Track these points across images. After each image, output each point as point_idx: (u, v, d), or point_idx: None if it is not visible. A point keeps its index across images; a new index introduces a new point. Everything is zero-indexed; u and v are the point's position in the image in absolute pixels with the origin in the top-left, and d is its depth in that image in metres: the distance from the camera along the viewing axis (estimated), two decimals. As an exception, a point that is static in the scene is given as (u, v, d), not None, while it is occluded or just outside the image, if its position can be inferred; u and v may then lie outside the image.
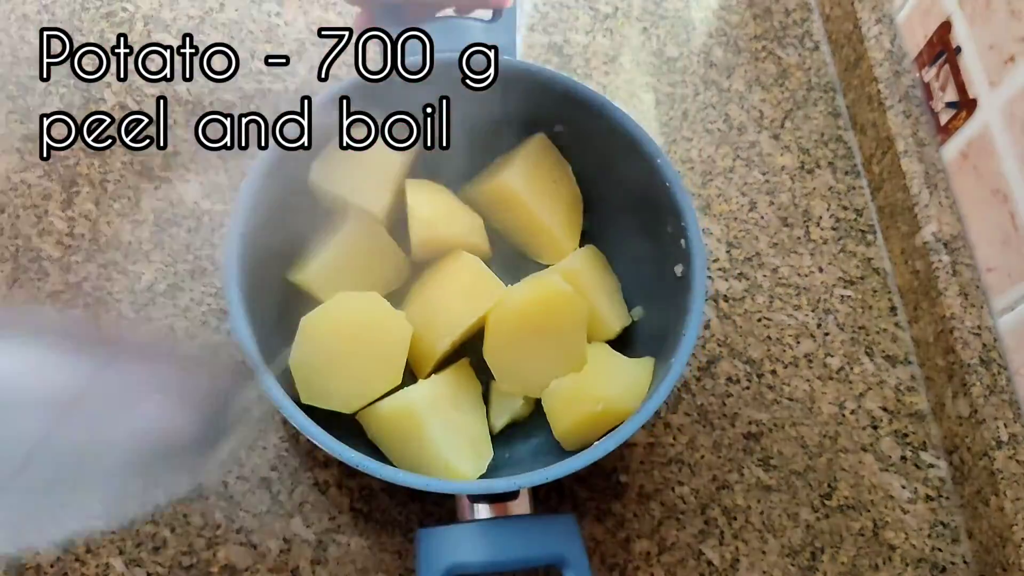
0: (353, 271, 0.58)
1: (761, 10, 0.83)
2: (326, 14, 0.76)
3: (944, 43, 0.69)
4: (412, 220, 0.59)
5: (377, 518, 0.57)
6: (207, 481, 0.56)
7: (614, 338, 0.60)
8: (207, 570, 0.54)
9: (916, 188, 0.68)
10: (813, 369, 0.66)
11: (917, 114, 0.71)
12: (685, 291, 0.54)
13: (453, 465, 0.52)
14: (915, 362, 0.67)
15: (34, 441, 0.31)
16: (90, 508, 0.34)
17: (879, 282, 0.71)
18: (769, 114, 0.77)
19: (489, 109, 0.60)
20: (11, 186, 0.64)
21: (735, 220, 0.72)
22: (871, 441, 0.64)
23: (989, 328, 0.63)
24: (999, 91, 0.62)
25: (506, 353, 0.56)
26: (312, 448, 0.58)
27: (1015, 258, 0.61)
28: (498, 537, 0.49)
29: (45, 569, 0.53)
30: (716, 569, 0.58)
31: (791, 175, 0.74)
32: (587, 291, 0.58)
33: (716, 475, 0.61)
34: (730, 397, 0.64)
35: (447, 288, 0.58)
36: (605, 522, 0.59)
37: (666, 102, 0.77)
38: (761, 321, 0.68)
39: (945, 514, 0.62)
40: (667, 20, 0.81)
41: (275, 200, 0.55)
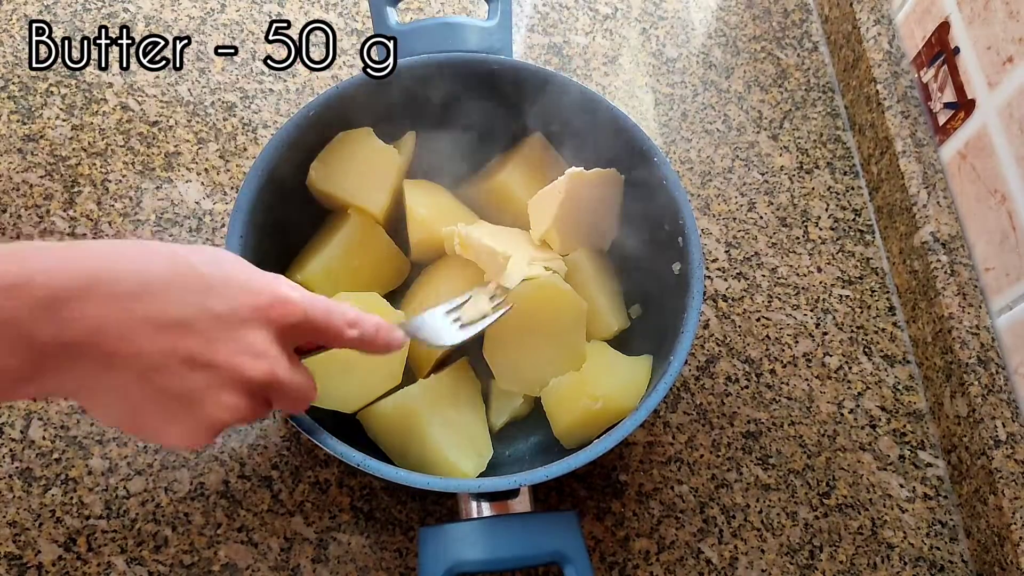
0: (353, 271, 0.58)
1: (760, 11, 0.83)
2: (327, 14, 0.76)
3: (943, 44, 0.69)
4: (410, 220, 0.59)
5: (378, 517, 0.57)
6: (208, 480, 0.57)
7: (613, 337, 0.60)
8: (208, 568, 0.54)
9: (914, 188, 0.68)
10: (812, 368, 0.66)
11: (915, 114, 0.71)
12: (683, 289, 0.54)
13: (453, 464, 0.52)
14: (913, 361, 0.68)
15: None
16: None
17: (877, 282, 0.71)
18: (768, 114, 0.77)
19: (487, 109, 0.61)
20: (13, 186, 0.64)
21: (734, 220, 0.72)
22: (869, 440, 0.64)
23: (987, 327, 0.63)
24: (997, 92, 0.62)
25: (506, 352, 0.56)
26: (313, 447, 0.59)
27: (1013, 258, 0.61)
28: (499, 535, 0.49)
29: (47, 567, 0.53)
30: (715, 567, 0.59)
31: (790, 175, 0.75)
32: (586, 290, 0.58)
33: (715, 474, 0.62)
34: (729, 396, 0.65)
35: (447, 288, 0.58)
36: (604, 521, 0.59)
37: (665, 102, 0.77)
38: (760, 321, 0.68)
39: (943, 513, 0.62)
40: (666, 21, 0.81)
41: (275, 200, 0.55)
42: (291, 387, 0.41)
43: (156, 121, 0.69)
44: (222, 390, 0.38)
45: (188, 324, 0.37)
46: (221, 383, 0.38)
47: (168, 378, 0.37)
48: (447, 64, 0.58)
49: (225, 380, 0.38)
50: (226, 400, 0.38)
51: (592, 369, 0.56)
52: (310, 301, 0.41)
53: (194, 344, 0.37)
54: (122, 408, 0.37)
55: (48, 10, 0.71)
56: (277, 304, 0.39)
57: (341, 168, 0.58)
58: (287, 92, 0.72)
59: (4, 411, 0.57)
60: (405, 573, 0.56)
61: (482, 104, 0.60)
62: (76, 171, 0.66)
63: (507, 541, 0.48)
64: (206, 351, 0.37)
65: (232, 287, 0.38)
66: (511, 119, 0.62)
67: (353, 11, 0.77)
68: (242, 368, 0.38)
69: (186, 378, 0.37)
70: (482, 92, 0.60)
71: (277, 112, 0.71)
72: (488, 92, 0.60)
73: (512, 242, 0.57)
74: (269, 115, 0.71)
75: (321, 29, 0.73)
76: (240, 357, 0.38)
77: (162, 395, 0.37)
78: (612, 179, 0.60)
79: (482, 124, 0.62)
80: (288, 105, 0.71)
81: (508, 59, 0.59)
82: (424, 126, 0.62)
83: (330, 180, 0.58)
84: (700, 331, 0.67)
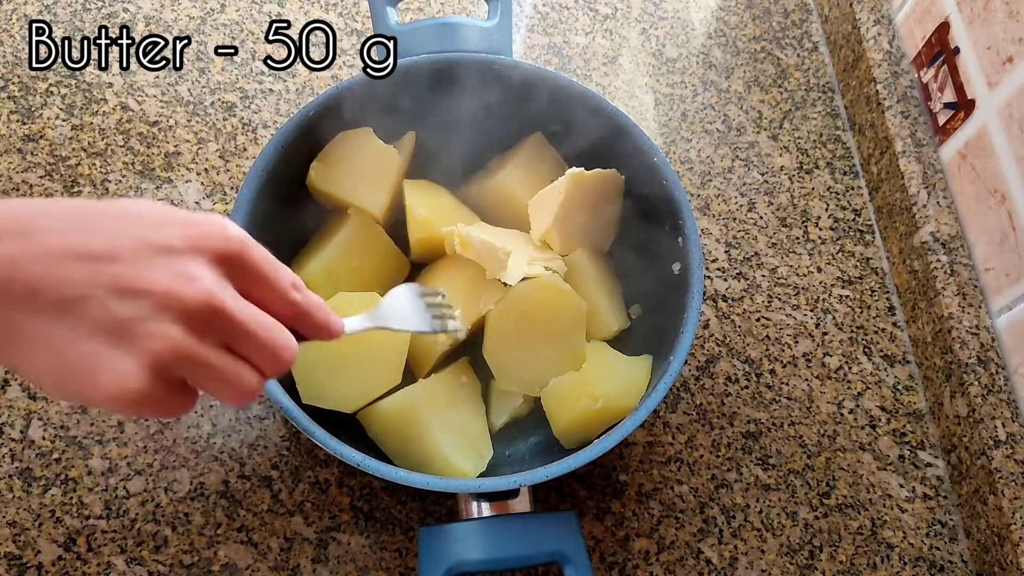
0: (353, 271, 0.58)
1: (760, 11, 0.83)
2: (327, 14, 0.76)
3: (943, 44, 0.69)
4: (410, 220, 0.59)
5: (378, 517, 0.57)
6: (208, 480, 0.57)
7: (613, 337, 0.60)
8: (208, 568, 0.54)
9: (914, 188, 0.68)
10: (811, 368, 0.66)
11: (915, 114, 0.71)
12: (683, 289, 0.54)
13: (453, 464, 0.52)
14: (913, 361, 0.68)
15: None
16: None
17: (877, 282, 0.71)
18: (768, 115, 0.77)
19: (488, 109, 0.61)
20: (13, 186, 0.64)
21: (734, 220, 0.72)
22: (869, 440, 0.64)
23: (987, 327, 0.63)
24: (997, 92, 0.62)
25: (506, 352, 0.56)
26: (313, 447, 0.59)
27: (1013, 258, 0.61)
28: (499, 535, 0.49)
29: (47, 567, 0.53)
30: (715, 567, 0.59)
31: (790, 175, 0.75)
32: (585, 290, 0.58)
33: (715, 474, 0.62)
34: (729, 396, 0.65)
35: (447, 289, 0.58)
36: (604, 521, 0.59)
37: (665, 103, 0.77)
38: (760, 321, 0.68)
39: (943, 513, 0.62)
40: (666, 21, 0.81)
41: (275, 200, 0.55)
42: (244, 321, 0.36)
43: (156, 121, 0.69)
44: (156, 318, 0.34)
45: (114, 252, 0.34)
46: (154, 310, 0.34)
47: (94, 309, 0.33)
48: (447, 64, 0.58)
49: (159, 306, 0.34)
50: (162, 329, 0.34)
51: (592, 369, 0.56)
52: (251, 239, 0.38)
53: (120, 271, 0.34)
54: (47, 355, 0.34)
55: (48, 10, 0.71)
56: (215, 233, 0.36)
57: (341, 168, 0.58)
58: (287, 92, 0.72)
59: (4, 411, 0.57)
60: (405, 573, 0.56)
61: (482, 104, 0.60)
62: (76, 171, 0.66)
63: (507, 541, 0.48)
64: (135, 277, 0.34)
65: (167, 219, 0.36)
66: (511, 119, 0.62)
67: (353, 11, 0.77)
68: (177, 292, 0.34)
69: (114, 308, 0.33)
70: (482, 92, 0.60)
71: (277, 112, 0.71)
72: (488, 92, 0.60)
73: (512, 242, 0.57)
74: (269, 115, 0.71)
75: (321, 29, 0.73)
76: (174, 280, 0.34)
77: (89, 332, 0.33)
78: (612, 179, 0.60)
79: (482, 124, 0.61)
80: (288, 105, 0.71)
81: (508, 59, 0.59)
82: (424, 126, 0.62)
83: (330, 180, 0.58)
84: (700, 331, 0.67)
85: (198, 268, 0.35)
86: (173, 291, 0.34)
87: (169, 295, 0.34)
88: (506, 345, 0.56)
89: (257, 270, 0.38)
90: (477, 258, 0.55)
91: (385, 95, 0.58)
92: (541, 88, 0.59)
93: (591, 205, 0.59)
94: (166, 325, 0.34)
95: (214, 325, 0.35)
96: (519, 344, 0.56)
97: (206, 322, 0.35)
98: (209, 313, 0.35)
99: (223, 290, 0.36)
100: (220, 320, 0.35)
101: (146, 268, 0.34)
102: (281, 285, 0.39)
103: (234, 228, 0.37)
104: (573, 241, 0.60)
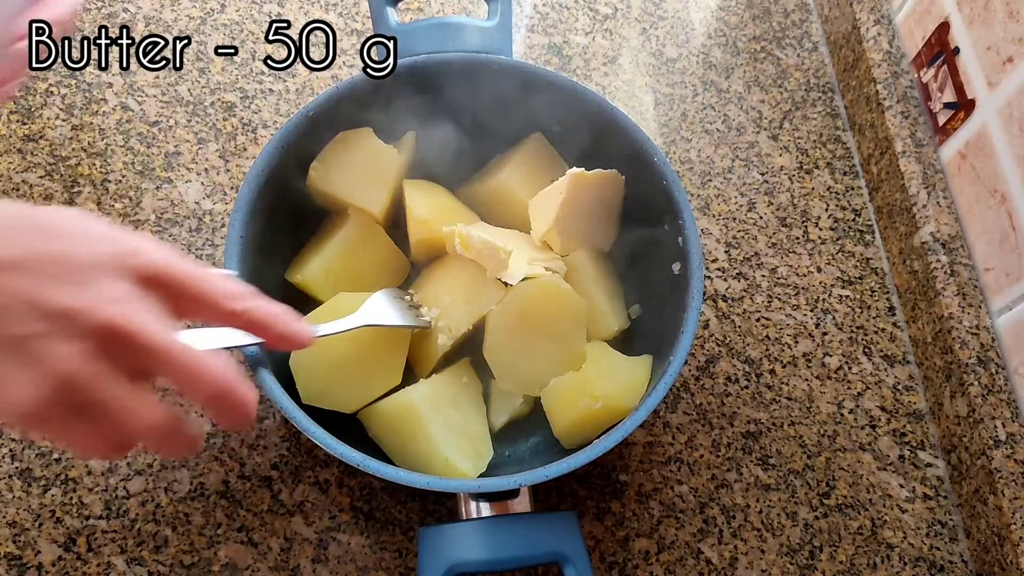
0: (353, 271, 0.58)
1: (760, 11, 0.83)
2: (327, 14, 0.76)
3: (943, 44, 0.69)
4: (410, 220, 0.59)
5: (378, 517, 0.57)
6: (208, 480, 0.57)
7: (613, 337, 0.60)
8: (208, 568, 0.54)
9: (914, 188, 0.68)
10: (811, 369, 0.66)
11: (915, 115, 0.71)
12: (683, 289, 0.54)
13: (453, 464, 0.52)
14: (913, 362, 0.68)
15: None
16: None
17: (877, 282, 0.71)
18: (768, 115, 0.77)
19: (488, 109, 0.61)
20: (13, 186, 0.64)
21: (734, 220, 0.72)
22: (869, 440, 0.64)
23: (987, 328, 0.63)
24: (997, 92, 0.62)
25: (506, 352, 0.56)
26: (313, 447, 0.59)
27: (1013, 258, 0.61)
28: (499, 535, 0.49)
29: (47, 567, 0.53)
30: (715, 568, 0.59)
31: (790, 175, 0.75)
32: (586, 290, 0.58)
33: (715, 474, 0.62)
34: (729, 396, 0.65)
35: (447, 288, 0.58)
36: (604, 520, 0.59)
37: (665, 103, 0.77)
38: (760, 321, 0.68)
39: (943, 513, 0.62)
40: (666, 21, 0.81)
41: (275, 200, 0.55)
42: (156, 345, 0.34)
43: (156, 121, 0.69)
44: (64, 336, 0.32)
45: (28, 265, 0.33)
46: (64, 328, 0.32)
47: (4, 321, 0.32)
48: (447, 64, 0.58)
49: (61, 324, 0.32)
50: (61, 349, 0.32)
51: (592, 369, 0.56)
52: (173, 256, 0.37)
53: (25, 283, 0.32)
54: None
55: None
56: (139, 251, 0.35)
57: (341, 168, 0.58)
58: (287, 92, 0.72)
59: (4, 411, 0.57)
60: (405, 573, 0.56)
61: (482, 104, 0.60)
62: (76, 171, 0.66)
63: (507, 541, 0.48)
64: (50, 294, 0.32)
65: (90, 235, 0.35)
66: (511, 119, 0.62)
67: (353, 11, 0.77)
68: (83, 311, 0.33)
69: (24, 323, 0.32)
70: (482, 92, 0.60)
71: (277, 112, 0.71)
72: (488, 92, 0.60)
73: (512, 242, 0.57)
74: (269, 115, 0.71)
75: (321, 29, 0.73)
76: (84, 298, 0.33)
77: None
78: (612, 179, 0.60)
79: (482, 124, 0.62)
80: (288, 105, 0.71)
81: (508, 59, 0.59)
82: (424, 126, 0.62)
83: (330, 180, 0.58)
84: (700, 331, 0.67)
85: (116, 288, 0.34)
86: (77, 309, 0.33)
87: (73, 313, 0.32)
88: (506, 345, 0.56)
89: (184, 286, 0.37)
90: (478, 258, 0.56)
91: (385, 95, 0.58)
92: (541, 88, 0.59)
93: (591, 205, 0.59)
94: (66, 345, 0.32)
95: (125, 349, 0.34)
96: (519, 344, 0.56)
97: (115, 345, 0.33)
98: (114, 335, 0.33)
99: (139, 313, 0.34)
100: (129, 344, 0.34)
101: (55, 283, 0.33)
102: (211, 297, 0.37)
103: (158, 247, 0.36)
104: (573, 241, 0.60)
